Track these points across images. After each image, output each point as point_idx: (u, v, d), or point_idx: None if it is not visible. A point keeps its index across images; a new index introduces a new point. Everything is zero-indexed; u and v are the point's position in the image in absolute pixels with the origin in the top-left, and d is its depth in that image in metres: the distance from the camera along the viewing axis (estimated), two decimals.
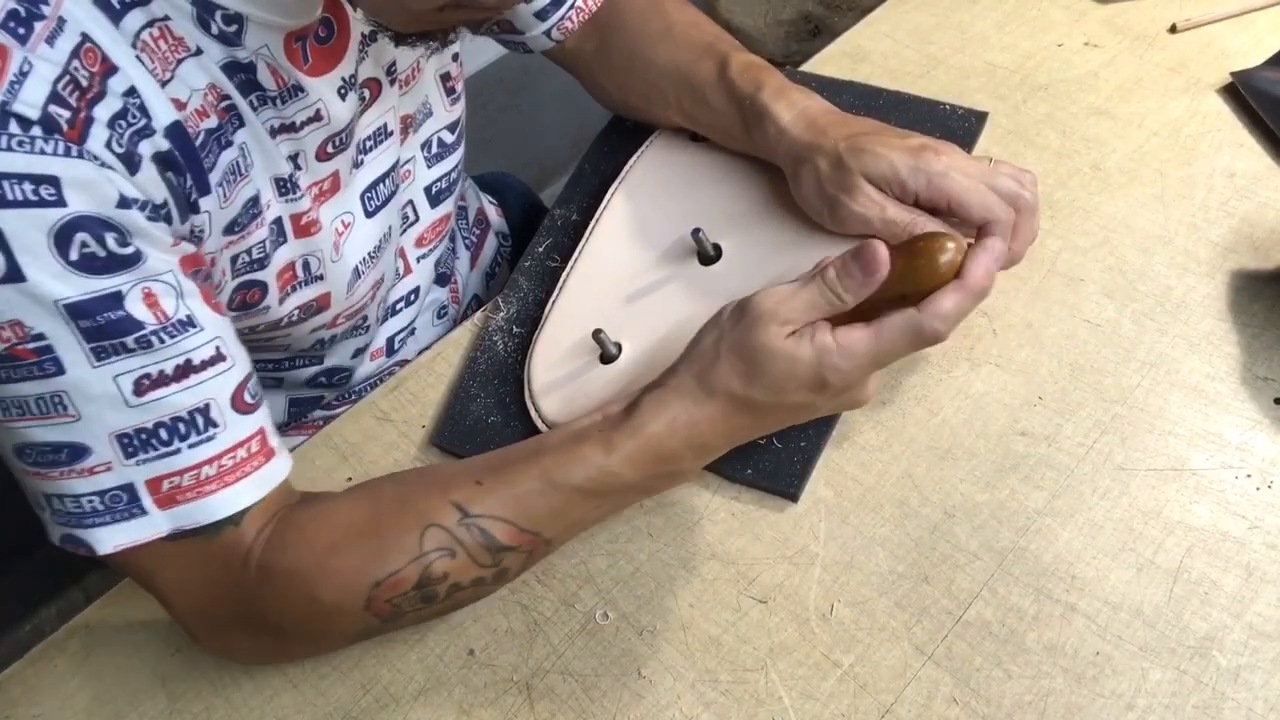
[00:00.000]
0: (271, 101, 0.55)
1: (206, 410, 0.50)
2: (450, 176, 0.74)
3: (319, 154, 0.59)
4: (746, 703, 0.54)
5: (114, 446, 0.48)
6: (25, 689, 0.58)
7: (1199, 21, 0.90)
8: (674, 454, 0.54)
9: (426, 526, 0.51)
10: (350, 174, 0.62)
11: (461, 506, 0.52)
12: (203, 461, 0.50)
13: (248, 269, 0.58)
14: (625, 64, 0.76)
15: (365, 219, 0.64)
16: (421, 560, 0.51)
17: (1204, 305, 0.69)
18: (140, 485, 0.49)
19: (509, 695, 0.55)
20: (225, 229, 0.55)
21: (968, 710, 0.53)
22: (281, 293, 0.61)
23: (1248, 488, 0.60)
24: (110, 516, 0.49)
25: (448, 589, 0.52)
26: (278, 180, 0.57)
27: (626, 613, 0.58)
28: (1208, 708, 0.52)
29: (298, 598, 0.51)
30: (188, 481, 0.49)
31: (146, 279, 0.48)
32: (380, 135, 0.63)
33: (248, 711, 0.56)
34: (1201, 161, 0.79)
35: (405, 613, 0.52)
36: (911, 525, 0.60)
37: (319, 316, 0.65)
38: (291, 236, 0.60)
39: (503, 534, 0.52)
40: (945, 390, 0.66)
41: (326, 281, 0.63)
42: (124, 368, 0.47)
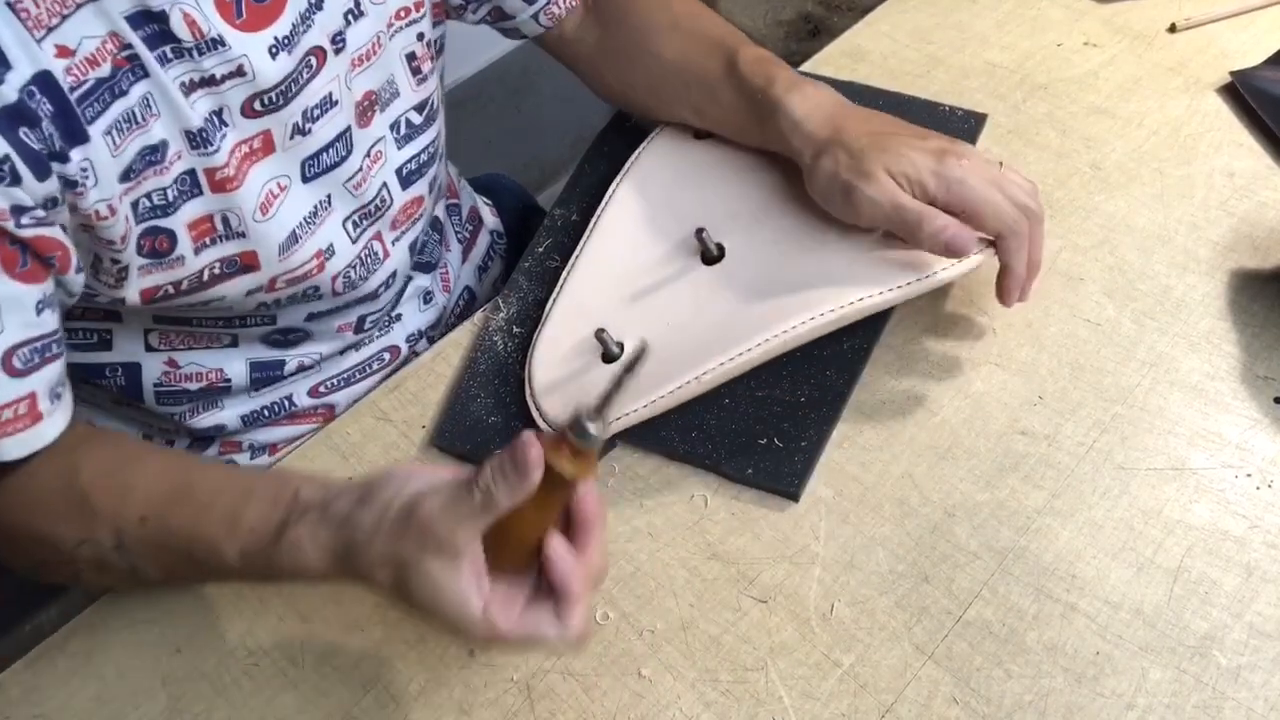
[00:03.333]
0: (186, 54, 0.54)
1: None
2: (420, 158, 0.73)
3: (245, 110, 0.58)
4: (746, 703, 0.54)
5: None
6: (25, 689, 0.58)
7: (1199, 21, 0.90)
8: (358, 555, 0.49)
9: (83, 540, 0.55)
10: (290, 139, 0.61)
11: (120, 533, 0.54)
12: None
13: (150, 214, 0.57)
14: (629, 58, 0.76)
15: (301, 184, 0.64)
16: (71, 555, 0.55)
17: (1204, 305, 0.69)
18: None
19: (509, 695, 0.55)
20: (121, 176, 0.54)
21: (968, 710, 0.53)
22: (195, 244, 0.60)
23: (1248, 487, 0.60)
24: None
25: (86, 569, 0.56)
26: (188, 133, 0.57)
27: (626, 613, 0.58)
28: (1208, 707, 0.52)
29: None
30: None
31: None
32: (326, 104, 0.63)
33: (248, 712, 0.56)
34: (1201, 161, 0.79)
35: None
36: (911, 525, 0.60)
37: (249, 276, 0.64)
38: (207, 190, 0.59)
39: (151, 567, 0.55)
40: (945, 390, 0.66)
41: (250, 240, 0.62)
42: None
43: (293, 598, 0.60)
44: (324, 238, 0.66)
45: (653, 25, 0.75)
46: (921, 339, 0.69)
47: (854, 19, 0.96)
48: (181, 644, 0.59)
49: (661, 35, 0.74)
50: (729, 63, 0.70)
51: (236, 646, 0.59)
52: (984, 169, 0.61)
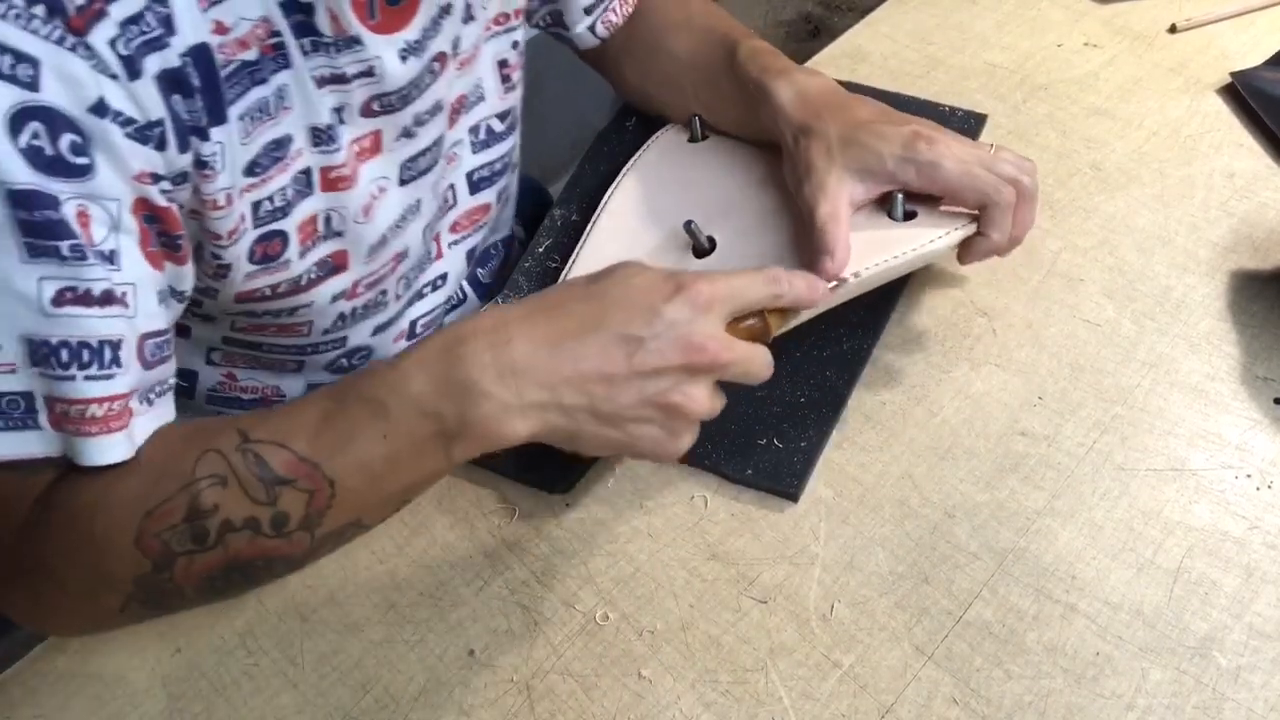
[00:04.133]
0: (325, 49, 0.54)
1: (117, 346, 0.47)
2: (494, 166, 0.74)
3: (364, 110, 0.58)
4: (746, 703, 0.54)
5: (22, 349, 0.45)
6: (25, 689, 0.58)
7: (1199, 22, 0.91)
8: (473, 362, 0.47)
9: (204, 451, 0.48)
10: (396, 140, 0.61)
11: (244, 431, 0.48)
12: (93, 399, 0.46)
13: (270, 218, 0.56)
14: (648, 53, 0.78)
15: (398, 186, 0.64)
16: (192, 488, 0.47)
17: (1204, 305, 0.69)
18: (40, 397, 0.46)
19: (509, 695, 0.55)
20: (246, 169, 0.53)
21: (968, 710, 0.53)
22: (302, 246, 0.59)
23: (1248, 488, 0.60)
24: (3, 422, 0.45)
25: (218, 527, 0.47)
26: (314, 130, 0.56)
27: (626, 613, 0.58)
28: (1208, 708, 0.52)
29: (73, 531, 0.47)
30: (74, 413, 0.46)
31: (87, 197, 0.45)
32: (435, 109, 0.63)
33: (248, 711, 0.56)
34: (1201, 161, 0.79)
35: (176, 556, 0.47)
36: (911, 525, 0.60)
37: (338, 279, 0.63)
38: (318, 189, 0.58)
39: (279, 462, 0.47)
40: (945, 390, 0.66)
41: (345, 239, 0.62)
42: (51, 273, 0.44)
43: (293, 598, 0.60)
44: (404, 241, 0.67)
45: (669, 23, 0.77)
46: (921, 339, 0.69)
47: (854, 19, 0.96)
48: (181, 644, 0.59)
49: (677, 32, 0.76)
50: (730, 54, 0.72)
51: (236, 646, 0.59)
52: (959, 149, 0.61)
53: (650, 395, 0.49)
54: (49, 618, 0.53)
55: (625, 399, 0.49)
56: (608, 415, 0.49)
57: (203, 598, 0.50)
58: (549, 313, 0.50)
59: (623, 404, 0.49)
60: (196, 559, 0.48)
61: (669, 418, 0.50)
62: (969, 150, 0.61)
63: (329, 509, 0.48)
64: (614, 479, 0.64)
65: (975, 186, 0.60)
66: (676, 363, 0.49)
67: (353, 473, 0.48)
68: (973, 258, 0.64)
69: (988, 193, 0.60)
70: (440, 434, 0.48)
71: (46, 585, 0.49)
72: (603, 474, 0.64)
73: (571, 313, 0.50)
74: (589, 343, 0.49)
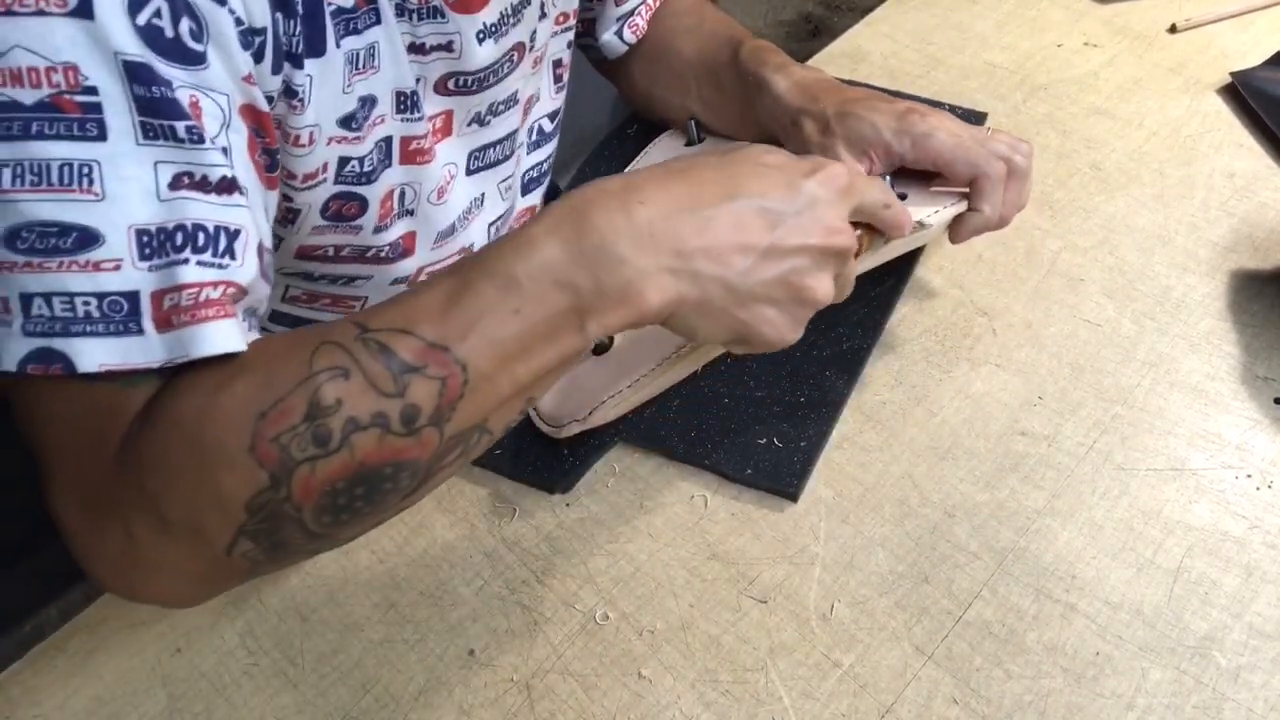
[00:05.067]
0: (410, 15, 0.53)
1: (234, 235, 0.43)
2: (542, 167, 0.74)
3: (438, 86, 0.58)
4: (746, 703, 0.54)
5: (131, 241, 0.41)
6: (25, 689, 0.58)
7: (1199, 21, 0.91)
8: (606, 225, 0.44)
9: (320, 344, 0.43)
10: (467, 125, 0.61)
11: (361, 323, 0.43)
12: (208, 283, 0.42)
13: (355, 180, 0.55)
14: (658, 55, 0.79)
15: (465, 175, 0.63)
16: (310, 383, 0.41)
17: (1204, 305, 0.69)
18: (145, 296, 0.41)
19: (509, 695, 0.55)
20: (342, 120, 0.52)
21: (968, 710, 0.53)
22: (380, 220, 0.58)
23: (1248, 488, 0.60)
24: (104, 326, 0.41)
25: (343, 426, 0.41)
26: (399, 94, 0.55)
27: (626, 613, 0.58)
28: (1208, 708, 0.52)
29: (178, 442, 0.41)
30: (186, 301, 0.42)
31: (201, 87, 0.43)
32: (511, 101, 0.63)
33: (248, 711, 0.56)
34: (1201, 161, 0.79)
35: (296, 464, 0.41)
36: (911, 525, 0.60)
37: (405, 261, 0.62)
38: (397, 160, 0.57)
39: (406, 349, 0.42)
40: (945, 390, 0.66)
41: (416, 219, 0.60)
42: (168, 156, 0.41)
43: (293, 598, 0.60)
44: (471, 235, 0.66)
45: (681, 28, 0.78)
46: (921, 339, 0.69)
47: (854, 19, 0.96)
48: (181, 644, 0.59)
49: (687, 35, 0.78)
50: (734, 52, 0.73)
51: (236, 646, 0.59)
52: (953, 124, 0.62)
53: (784, 273, 0.47)
54: (141, 569, 0.44)
55: (761, 274, 0.46)
56: (740, 290, 0.47)
57: (322, 526, 0.43)
58: (682, 176, 0.46)
59: (756, 279, 0.46)
60: (319, 466, 0.41)
61: (794, 302, 0.48)
62: (962, 126, 0.62)
63: (461, 398, 0.43)
64: (614, 479, 0.64)
65: (968, 159, 0.60)
66: (814, 243, 0.47)
67: (486, 355, 0.43)
68: (963, 234, 0.64)
69: (979, 164, 0.60)
70: (575, 307, 0.44)
71: (145, 519, 0.42)
72: (603, 474, 0.64)
73: (705, 179, 0.46)
74: (727, 210, 0.46)
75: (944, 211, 0.62)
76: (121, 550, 0.43)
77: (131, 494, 0.42)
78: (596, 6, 0.77)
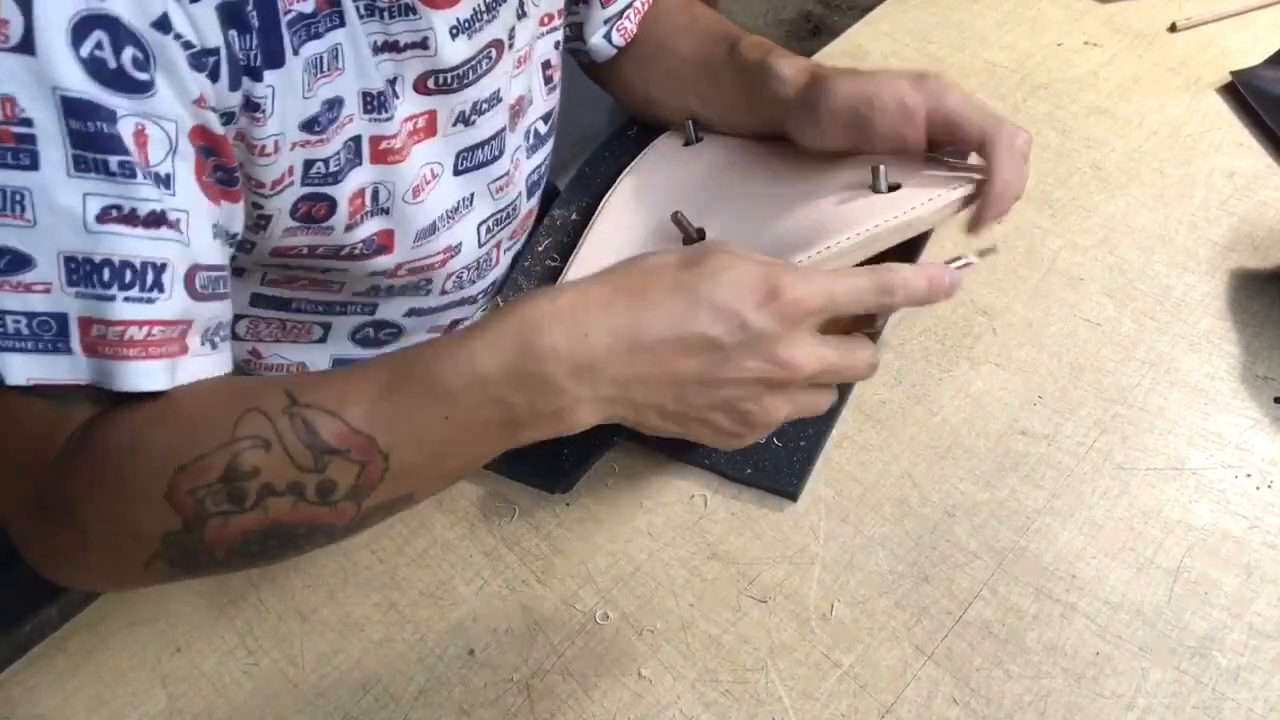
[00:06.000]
0: (380, 14, 0.53)
1: (160, 270, 0.45)
2: (540, 170, 0.74)
3: (417, 85, 0.58)
4: (746, 703, 0.54)
5: (59, 267, 0.43)
6: (25, 689, 0.58)
7: (1199, 21, 0.90)
8: (549, 353, 0.44)
9: (247, 410, 0.44)
10: (452, 125, 0.61)
11: (291, 394, 0.44)
12: (132, 321, 0.44)
13: (321, 181, 0.55)
14: (652, 54, 0.79)
15: (452, 175, 0.64)
16: (231, 447, 0.43)
17: (1204, 304, 0.69)
18: (73, 320, 0.44)
19: (509, 695, 0.55)
20: (305, 125, 0.53)
21: (968, 710, 0.53)
22: (350, 219, 0.58)
23: (1248, 487, 0.60)
24: (33, 344, 0.43)
25: (258, 490, 0.44)
26: (365, 95, 0.55)
27: (626, 613, 0.58)
28: (1208, 708, 0.52)
29: (101, 471, 0.44)
30: (112, 335, 0.44)
31: (147, 116, 0.44)
32: (494, 100, 0.63)
33: (248, 712, 0.56)
34: (1201, 161, 0.79)
35: (210, 516, 0.44)
36: (911, 525, 0.60)
37: (381, 258, 0.62)
38: (367, 159, 0.57)
39: (329, 431, 0.44)
40: (945, 390, 0.66)
41: (391, 218, 0.61)
42: (97, 189, 0.43)
43: (293, 598, 0.60)
44: (457, 235, 0.66)
45: (675, 28, 0.79)
46: (921, 339, 0.69)
47: (854, 18, 0.96)
48: (181, 644, 0.59)
49: (681, 35, 0.78)
50: (731, 48, 0.73)
51: (236, 646, 0.59)
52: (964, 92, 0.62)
53: (722, 400, 0.48)
54: (68, 566, 0.48)
55: (697, 401, 0.47)
56: (676, 414, 0.48)
57: (234, 561, 0.46)
58: (631, 301, 0.46)
59: (693, 404, 0.48)
60: (232, 520, 0.44)
61: (737, 422, 0.49)
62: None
63: (381, 483, 0.45)
64: (614, 479, 0.64)
65: (980, 116, 0.59)
66: (754, 377, 0.47)
67: (410, 450, 0.45)
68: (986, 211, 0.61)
69: (989, 124, 0.59)
70: (508, 420, 0.46)
71: (70, 530, 0.46)
72: (603, 474, 0.64)
73: (656, 305, 0.46)
74: (670, 344, 0.46)
75: (939, 198, 0.62)
76: (53, 549, 0.47)
77: (59, 508, 0.45)
78: (582, 9, 0.77)
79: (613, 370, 0.46)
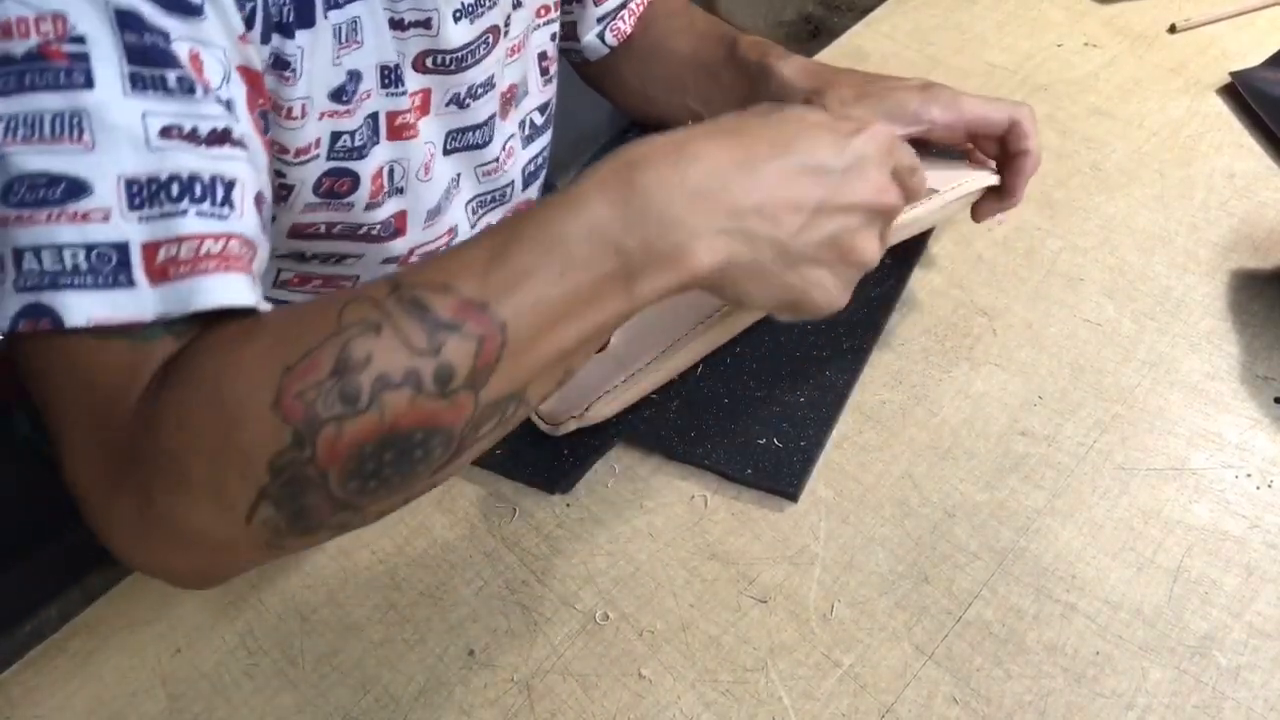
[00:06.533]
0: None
1: (230, 185, 0.42)
2: (538, 161, 0.75)
3: (415, 64, 0.58)
4: (746, 703, 0.54)
5: (120, 191, 0.40)
6: (25, 689, 0.58)
7: (1199, 22, 0.91)
8: (656, 184, 0.42)
9: (351, 300, 0.40)
10: (445, 105, 0.61)
11: (396, 280, 0.41)
12: (209, 235, 0.41)
13: (346, 155, 0.55)
14: (649, 54, 0.79)
15: (442, 155, 0.64)
16: (339, 337, 0.39)
17: (1204, 305, 0.69)
18: (135, 247, 0.40)
19: (509, 695, 0.55)
20: (333, 94, 0.52)
21: (968, 710, 0.53)
22: (372, 198, 0.58)
23: (1248, 487, 0.60)
24: (92, 279, 0.40)
25: (372, 383, 0.39)
26: (383, 69, 0.55)
27: (626, 613, 0.58)
28: (1208, 707, 0.52)
29: (198, 398, 0.39)
30: (185, 253, 0.41)
31: (199, 41, 0.42)
32: (488, 85, 0.63)
33: (248, 711, 0.56)
34: (1201, 162, 0.79)
35: (322, 423, 0.39)
36: (911, 525, 0.60)
37: (396, 241, 0.62)
38: (385, 136, 0.57)
39: (442, 305, 0.40)
40: (945, 390, 0.66)
41: (406, 197, 0.61)
42: (156, 107, 0.41)
43: (293, 598, 0.60)
44: (453, 217, 0.67)
45: (672, 29, 0.79)
46: (921, 339, 0.69)
47: (854, 19, 0.96)
48: (181, 644, 0.59)
49: (679, 35, 0.79)
50: (731, 47, 0.74)
51: (236, 646, 0.59)
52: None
53: (834, 232, 0.45)
54: (158, 536, 0.41)
55: (812, 234, 0.45)
56: (791, 251, 0.45)
57: (347, 494, 0.41)
58: (732, 133, 0.44)
59: (807, 239, 0.45)
60: (346, 426, 0.39)
61: (843, 263, 0.47)
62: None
63: (499, 361, 0.41)
64: (614, 479, 0.64)
65: (1000, 106, 0.62)
66: (863, 201, 0.46)
67: (527, 316, 0.41)
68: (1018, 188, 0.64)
69: (1011, 109, 0.62)
70: (623, 270, 0.42)
71: (164, 481, 0.40)
72: (603, 474, 0.64)
73: (755, 136, 0.44)
74: (778, 168, 0.44)
75: (962, 186, 0.62)
76: (138, 515, 0.40)
77: (150, 454, 0.40)
78: (575, 8, 0.77)
79: (729, 198, 0.43)
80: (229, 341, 0.40)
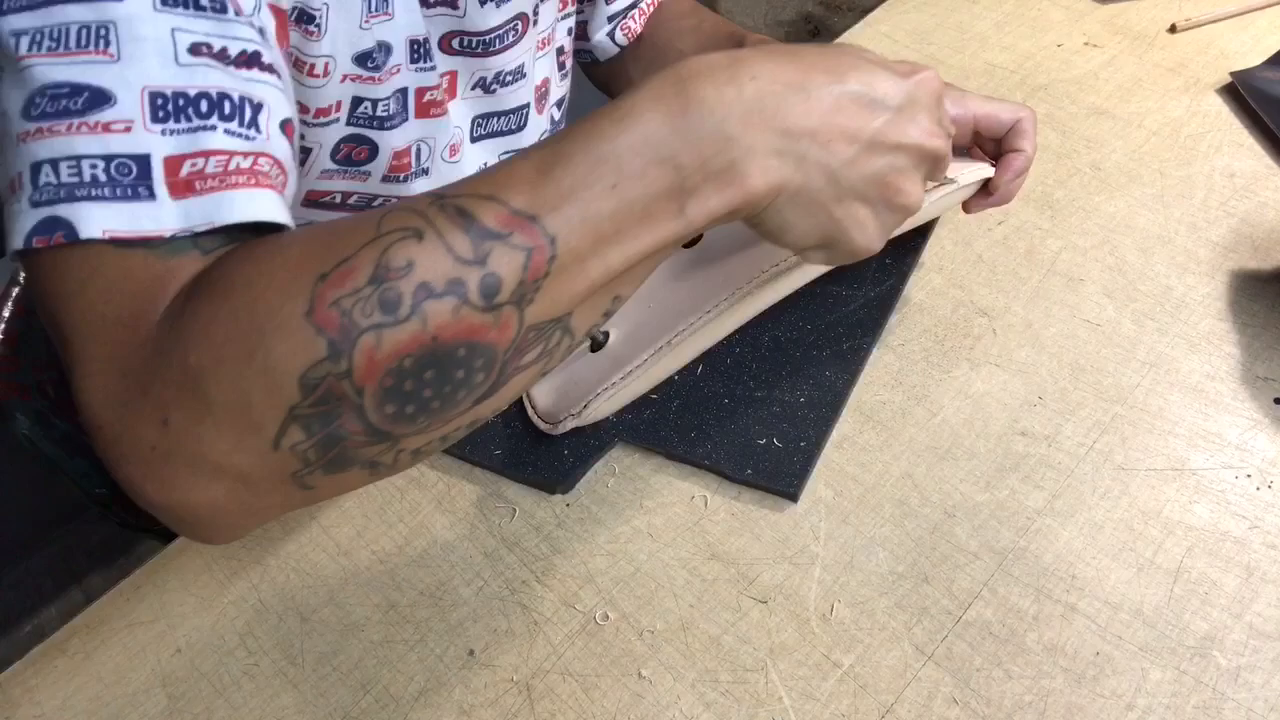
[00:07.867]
0: None
1: (258, 107, 0.41)
2: None
3: (442, 44, 0.58)
4: (746, 703, 0.54)
5: (144, 103, 0.39)
6: (25, 689, 0.58)
7: (1199, 21, 0.91)
8: (714, 99, 0.40)
9: (390, 210, 0.38)
10: (471, 89, 0.61)
11: (438, 191, 0.39)
12: (238, 151, 0.40)
13: (366, 122, 0.54)
14: (659, 53, 0.80)
15: (470, 143, 0.64)
16: (379, 243, 0.37)
17: (1204, 305, 0.69)
18: (157, 159, 0.39)
19: (509, 695, 0.55)
20: (358, 58, 0.51)
21: (968, 710, 0.53)
22: (392, 171, 0.58)
23: (1248, 488, 0.60)
24: (110, 190, 0.38)
25: (414, 291, 0.36)
26: (413, 43, 0.55)
27: (626, 613, 0.58)
28: (1208, 708, 0.52)
29: (226, 310, 0.37)
30: (213, 167, 0.39)
31: None
32: (518, 74, 0.63)
33: (248, 712, 0.56)
34: (1201, 161, 0.79)
35: (361, 332, 0.36)
36: (911, 525, 0.60)
37: None
38: (413, 113, 0.56)
39: (489, 215, 0.37)
40: (945, 390, 0.66)
41: (431, 178, 0.60)
42: (187, 24, 0.40)
43: (293, 598, 0.60)
44: None
45: (680, 29, 0.80)
46: (921, 339, 0.69)
47: (854, 19, 0.96)
48: (181, 644, 0.59)
49: (686, 36, 0.79)
50: (737, 46, 0.74)
51: (236, 646, 0.59)
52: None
53: (883, 169, 0.44)
54: (177, 465, 0.38)
55: (862, 167, 0.44)
56: (840, 182, 0.44)
57: (382, 419, 0.38)
58: (789, 56, 0.42)
59: (858, 172, 0.44)
60: (386, 336, 0.36)
61: (886, 205, 0.46)
62: None
63: (547, 276, 0.38)
64: (614, 479, 0.64)
65: (1005, 104, 0.63)
66: (914, 142, 0.45)
67: (578, 232, 0.39)
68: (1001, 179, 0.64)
69: (1016, 108, 0.63)
70: (676, 187, 0.40)
71: (186, 401, 0.37)
72: (603, 474, 0.64)
73: (812, 62, 0.43)
74: (834, 94, 0.42)
75: (965, 175, 0.63)
76: (156, 441, 0.37)
77: (172, 372, 0.37)
78: (586, 8, 0.77)
79: (785, 118, 0.41)
80: (259, 253, 0.38)
